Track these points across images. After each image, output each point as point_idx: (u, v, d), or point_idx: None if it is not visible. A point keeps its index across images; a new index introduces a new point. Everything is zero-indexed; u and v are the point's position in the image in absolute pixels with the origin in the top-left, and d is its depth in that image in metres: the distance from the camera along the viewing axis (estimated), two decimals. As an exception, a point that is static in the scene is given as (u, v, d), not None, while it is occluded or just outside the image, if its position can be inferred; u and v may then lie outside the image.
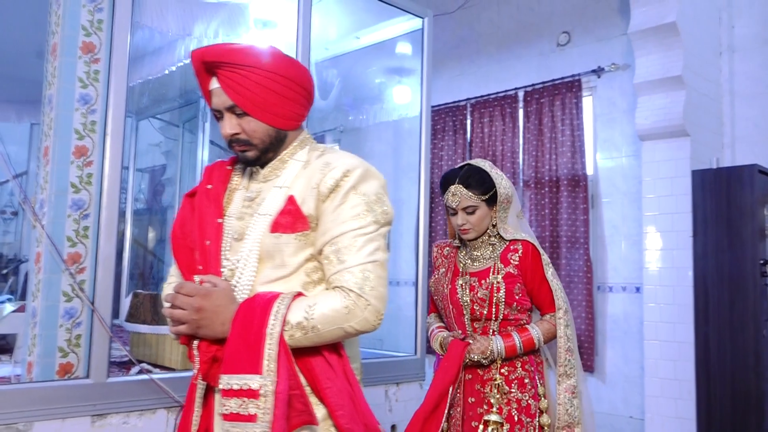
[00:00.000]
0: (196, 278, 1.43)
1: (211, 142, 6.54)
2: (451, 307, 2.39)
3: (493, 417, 2.22)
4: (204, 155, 6.34)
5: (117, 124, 2.74)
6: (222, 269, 1.47)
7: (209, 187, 1.58)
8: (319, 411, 1.41)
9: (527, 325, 2.33)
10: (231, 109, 1.47)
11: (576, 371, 2.28)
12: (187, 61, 4.15)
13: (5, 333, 3.41)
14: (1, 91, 3.21)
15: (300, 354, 1.39)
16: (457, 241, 2.48)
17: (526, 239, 2.34)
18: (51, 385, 2.62)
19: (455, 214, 2.35)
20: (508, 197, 2.36)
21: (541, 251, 2.34)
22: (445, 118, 6.09)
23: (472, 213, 2.31)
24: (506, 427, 2.22)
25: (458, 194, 2.32)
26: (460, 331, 2.38)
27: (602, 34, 5.21)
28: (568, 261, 5.11)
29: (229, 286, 1.43)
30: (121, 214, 3.10)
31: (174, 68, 4.31)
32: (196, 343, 1.42)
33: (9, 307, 3.32)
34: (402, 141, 5.69)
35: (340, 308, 1.36)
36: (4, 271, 5.50)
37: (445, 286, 2.42)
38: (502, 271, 2.30)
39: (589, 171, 5.17)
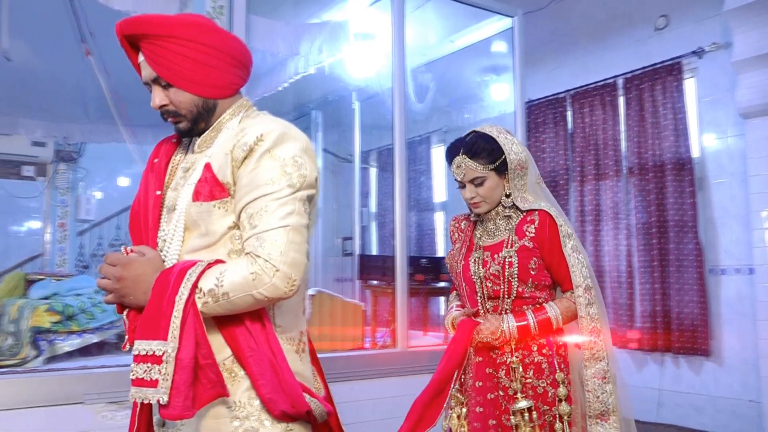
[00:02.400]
0: (124, 249, 1.44)
1: (324, 150, 7.01)
2: (464, 284, 2.21)
3: (522, 404, 2.03)
4: (318, 164, 6.79)
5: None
6: (157, 240, 1.49)
7: (156, 161, 1.59)
8: (245, 381, 1.40)
9: (545, 304, 2.10)
10: (156, 81, 1.46)
11: (605, 354, 2.04)
12: (298, 77, 4.57)
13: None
14: (140, 114, 3.67)
15: (224, 323, 1.39)
16: (473, 214, 2.28)
17: (544, 209, 2.10)
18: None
19: (464, 187, 2.16)
20: (522, 163, 2.12)
21: (561, 221, 2.10)
22: (545, 112, 6.18)
23: (481, 184, 2.11)
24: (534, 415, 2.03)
25: (463, 165, 2.12)
26: (473, 309, 2.20)
27: (700, 14, 5.14)
28: (677, 245, 5.08)
29: (158, 255, 1.44)
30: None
31: (286, 84, 4.72)
32: (125, 312, 1.42)
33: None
34: (504, 137, 5.85)
35: (247, 275, 1.31)
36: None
37: (458, 261, 2.24)
38: (516, 245, 2.09)
39: (695, 154, 5.11)
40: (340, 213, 7.20)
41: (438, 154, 6.82)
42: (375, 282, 4.79)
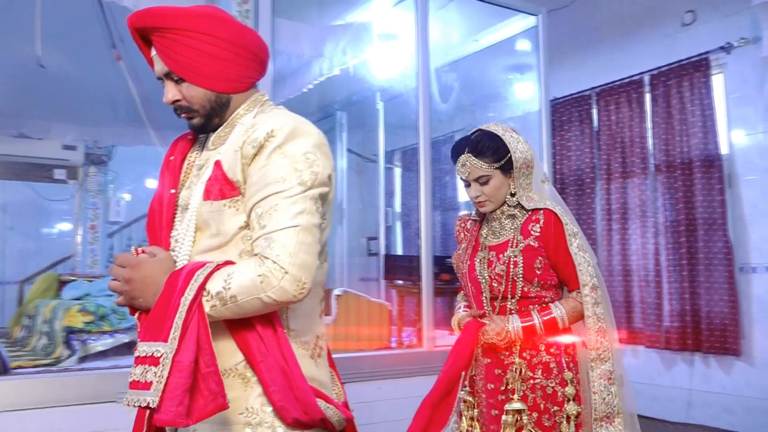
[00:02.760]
0: (134, 249, 1.39)
1: (349, 151, 7.04)
2: (469, 284, 2.19)
3: (515, 405, 2.02)
4: (343, 164, 6.85)
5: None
6: (170, 239, 1.44)
7: (171, 158, 1.54)
8: (258, 387, 1.35)
9: (550, 303, 2.08)
10: (169, 76, 1.41)
11: (611, 354, 2.01)
12: (322, 78, 4.61)
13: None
14: (168, 118, 3.74)
15: (236, 327, 1.34)
16: (476, 214, 2.28)
17: (549, 207, 2.08)
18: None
19: (469, 185, 2.14)
20: (527, 161, 2.11)
21: (567, 220, 2.07)
22: (570, 110, 6.15)
23: (486, 183, 2.09)
24: (534, 416, 2.02)
25: (468, 164, 2.11)
26: (479, 312, 2.17)
27: (728, 9, 5.07)
28: (705, 243, 5.02)
29: (169, 256, 1.39)
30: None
31: (311, 86, 4.76)
32: (137, 314, 1.37)
33: (186, 304, 3.89)
34: (528, 135, 5.81)
35: (255, 277, 1.25)
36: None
37: (464, 262, 2.21)
38: (521, 244, 2.07)
39: (724, 150, 5.04)
40: (365, 213, 7.23)
41: (462, 153, 6.81)
42: (400, 282, 4.81)
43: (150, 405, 1.21)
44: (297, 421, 1.34)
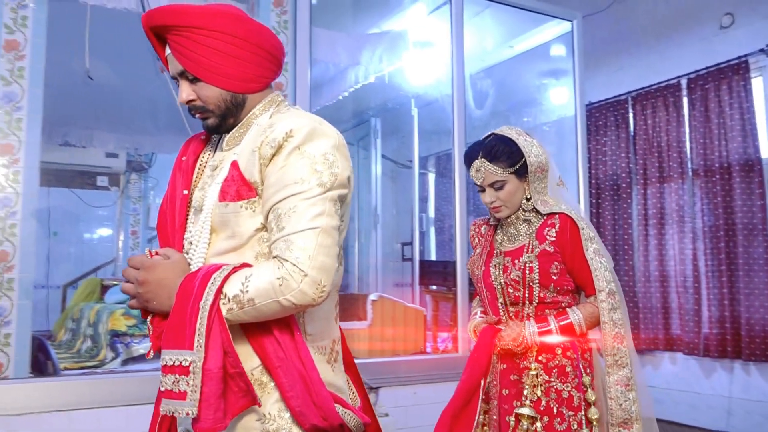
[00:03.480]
0: (148, 251, 1.37)
1: (383, 157, 7.09)
2: (485, 290, 2.16)
3: (524, 410, 1.98)
4: (377, 170, 6.89)
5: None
6: (184, 242, 1.43)
7: (184, 159, 1.52)
8: (275, 393, 1.33)
9: (567, 309, 2.04)
10: (183, 75, 1.39)
11: (629, 360, 1.97)
12: (358, 86, 4.67)
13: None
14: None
15: (252, 332, 1.32)
16: (493, 218, 2.24)
17: (564, 212, 2.05)
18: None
19: (483, 191, 2.10)
20: (542, 165, 2.07)
21: (582, 224, 2.04)
22: (606, 114, 6.11)
23: (501, 188, 2.06)
24: (545, 419, 1.97)
25: (482, 169, 2.07)
26: (495, 318, 2.14)
27: (767, 11, 5.01)
28: (745, 249, 4.94)
29: (183, 258, 1.36)
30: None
31: (347, 93, 4.83)
32: (149, 317, 1.36)
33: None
34: (564, 140, 5.81)
35: (273, 280, 1.23)
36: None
37: (479, 267, 2.18)
38: (537, 249, 2.04)
39: (764, 155, 4.96)
40: (399, 218, 7.26)
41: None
42: (435, 287, 4.83)
43: (190, 414, 1.21)
44: (315, 427, 1.31)
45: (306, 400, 1.30)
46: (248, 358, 1.33)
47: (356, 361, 1.63)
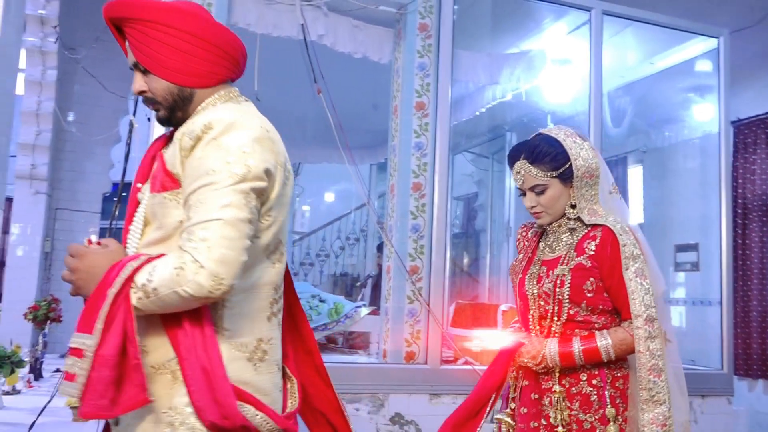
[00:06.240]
0: (87, 240, 1.38)
1: (518, 171, 7.15)
2: (518, 300, 2.01)
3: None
4: (511, 183, 6.99)
5: (442, 164, 3.53)
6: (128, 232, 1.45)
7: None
8: (183, 387, 1.31)
9: (596, 332, 1.85)
10: (137, 66, 1.42)
11: (667, 397, 1.76)
12: (495, 102, 4.83)
13: (362, 331, 4.36)
14: (353, 140, 4.16)
15: (167, 323, 1.30)
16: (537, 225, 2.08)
17: (609, 225, 1.85)
18: (400, 368, 3.40)
19: (524, 194, 1.96)
20: (591, 171, 1.89)
21: (626, 240, 1.83)
22: (755, 131, 5.85)
23: (542, 193, 1.90)
24: None
25: (523, 171, 1.92)
26: (523, 330, 1.99)
27: None
28: None
29: (120, 248, 1.38)
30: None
31: (483, 110, 5.00)
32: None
33: (365, 311, 4.26)
34: (708, 157, 5.63)
35: (172, 270, 1.22)
36: (358, 284, 6.78)
37: (517, 275, 2.03)
38: (573, 262, 1.85)
39: None
40: (532, 231, 7.29)
41: (635, 174, 6.69)
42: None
43: (73, 398, 1.22)
44: (214, 424, 1.28)
45: (206, 396, 1.26)
46: (167, 350, 1.32)
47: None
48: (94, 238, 1.39)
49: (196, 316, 1.29)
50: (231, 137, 1.29)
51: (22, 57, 5.85)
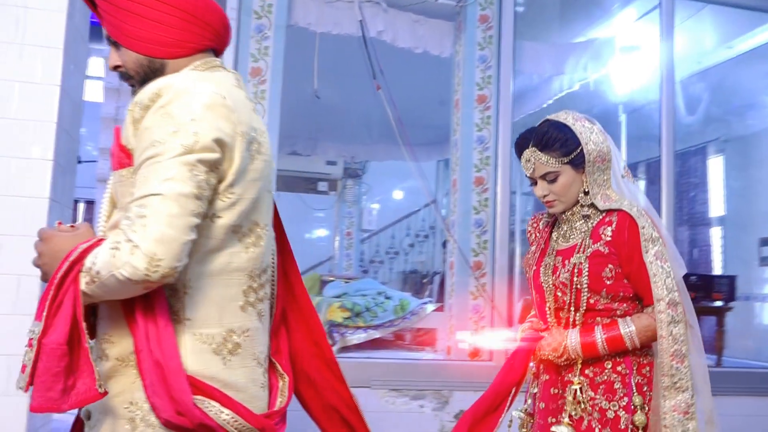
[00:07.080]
0: (58, 223, 1.29)
1: (589, 163, 6.96)
2: (534, 292, 1.94)
3: (562, 429, 1.76)
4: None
5: (505, 158, 3.45)
6: None
7: None
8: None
9: (619, 319, 1.78)
10: (109, 40, 1.34)
11: (690, 384, 1.71)
12: (562, 94, 4.71)
13: (429, 328, 4.34)
14: (416, 136, 4.15)
15: (126, 312, 1.20)
16: (549, 214, 2.00)
17: (625, 209, 1.79)
18: (464, 364, 3.37)
19: (535, 183, 1.88)
20: (603, 155, 1.82)
21: (644, 222, 1.77)
22: None
23: (554, 180, 1.82)
24: None
25: (533, 159, 1.84)
26: (544, 326, 1.92)
27: None
28: None
29: (89, 230, 1.26)
30: (510, 234, 3.73)
31: (551, 101, 4.88)
32: None
33: (430, 307, 4.24)
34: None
35: (108, 251, 1.10)
36: (425, 280, 6.77)
37: (530, 267, 1.96)
38: (589, 249, 1.79)
39: None
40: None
41: (715, 165, 6.39)
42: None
43: (24, 391, 1.13)
44: (169, 422, 1.17)
45: (159, 391, 1.16)
46: (130, 341, 1.21)
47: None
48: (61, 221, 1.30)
49: (149, 304, 1.18)
50: (179, 104, 1.16)
51: (100, 65, 6.13)
